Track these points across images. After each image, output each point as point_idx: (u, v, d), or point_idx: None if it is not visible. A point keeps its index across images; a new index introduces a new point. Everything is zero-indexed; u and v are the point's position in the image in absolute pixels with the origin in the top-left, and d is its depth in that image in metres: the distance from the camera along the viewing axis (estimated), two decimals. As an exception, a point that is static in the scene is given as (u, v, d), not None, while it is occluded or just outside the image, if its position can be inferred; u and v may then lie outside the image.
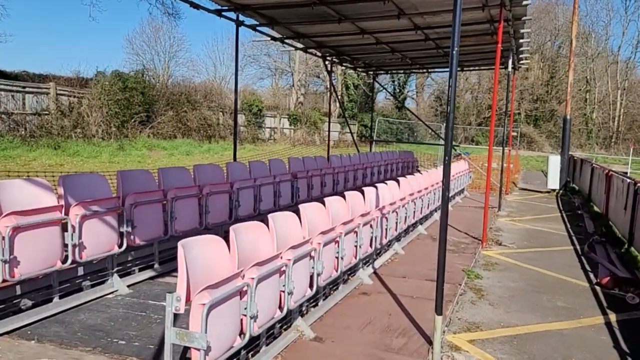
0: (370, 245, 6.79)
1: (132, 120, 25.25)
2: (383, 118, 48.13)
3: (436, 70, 25.66)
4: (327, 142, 43.89)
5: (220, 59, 53.33)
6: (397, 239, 8.65)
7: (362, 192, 7.12)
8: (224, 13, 10.45)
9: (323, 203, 5.89)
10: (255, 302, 3.83)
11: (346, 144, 43.49)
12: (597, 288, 7.21)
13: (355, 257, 6.26)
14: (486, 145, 44.01)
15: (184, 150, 25.07)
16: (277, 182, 8.34)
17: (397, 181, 8.88)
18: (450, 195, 14.20)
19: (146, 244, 6.32)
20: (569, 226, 12.28)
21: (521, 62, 16.45)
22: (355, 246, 6.22)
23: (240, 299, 3.76)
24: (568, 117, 19.28)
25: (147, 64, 38.33)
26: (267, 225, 4.64)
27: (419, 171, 20.54)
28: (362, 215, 6.39)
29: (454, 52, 4.54)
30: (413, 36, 12.51)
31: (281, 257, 4.39)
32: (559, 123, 51.72)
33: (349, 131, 47.13)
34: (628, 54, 60.17)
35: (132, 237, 5.91)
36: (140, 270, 6.41)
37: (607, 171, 12.69)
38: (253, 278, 3.82)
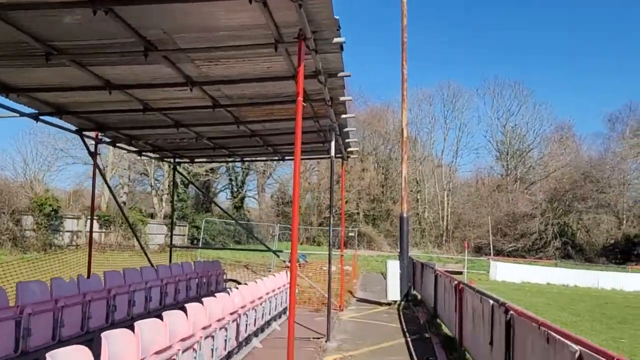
0: None
1: None
2: (218, 219, 43.67)
3: (253, 159, 22.61)
4: (150, 247, 37.53)
5: (32, 154, 45.16)
6: None
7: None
8: None
9: None
10: None
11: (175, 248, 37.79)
12: None
13: None
14: (327, 247, 41.57)
15: None
16: None
17: (133, 328, 4.59)
18: (267, 320, 10.23)
19: None
20: (417, 363, 8.86)
21: (349, 149, 13.77)
22: None
23: None
24: (405, 215, 16.90)
25: None
26: None
27: (237, 282, 16.36)
28: None
29: None
30: (194, 100, 8.81)
31: None
32: (395, 222, 52.18)
33: (178, 234, 41.67)
34: (450, 158, 64.89)
35: None
36: None
37: (456, 283, 9.76)
38: None
